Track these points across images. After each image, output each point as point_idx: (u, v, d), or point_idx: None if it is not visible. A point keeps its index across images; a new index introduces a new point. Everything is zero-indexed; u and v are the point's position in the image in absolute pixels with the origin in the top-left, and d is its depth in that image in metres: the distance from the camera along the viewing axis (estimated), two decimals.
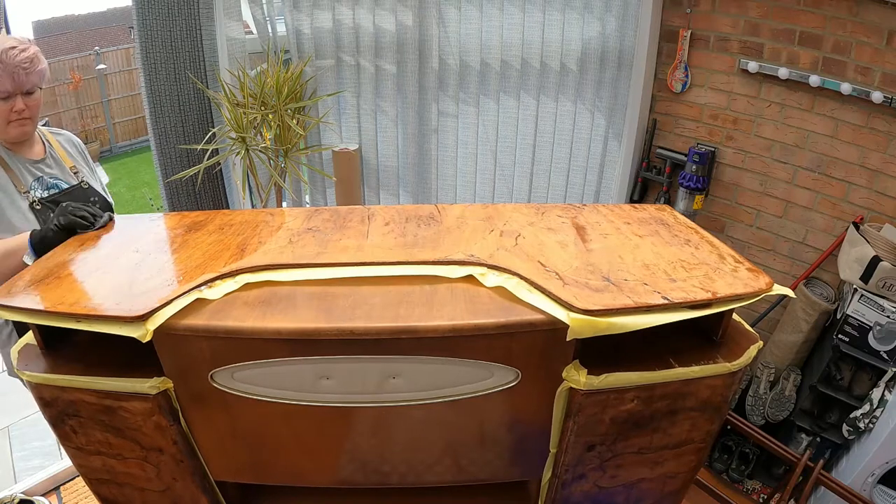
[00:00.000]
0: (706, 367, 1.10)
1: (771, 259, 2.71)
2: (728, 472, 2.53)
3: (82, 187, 1.70)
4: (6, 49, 1.49)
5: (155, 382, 1.05)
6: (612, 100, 2.81)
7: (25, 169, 1.61)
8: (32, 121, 1.59)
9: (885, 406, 2.09)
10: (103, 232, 1.39)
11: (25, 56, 1.51)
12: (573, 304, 1.01)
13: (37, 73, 1.55)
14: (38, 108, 1.60)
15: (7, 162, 1.58)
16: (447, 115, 2.59)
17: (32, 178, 1.62)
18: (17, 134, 1.57)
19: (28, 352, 1.14)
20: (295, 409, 1.08)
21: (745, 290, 1.09)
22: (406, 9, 2.33)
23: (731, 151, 2.69)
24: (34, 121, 1.60)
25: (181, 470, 1.17)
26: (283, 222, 1.40)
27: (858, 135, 2.32)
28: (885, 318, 2.14)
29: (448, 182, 2.73)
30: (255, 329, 1.00)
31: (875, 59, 2.21)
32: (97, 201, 1.70)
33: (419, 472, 1.20)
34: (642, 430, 1.15)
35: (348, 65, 2.35)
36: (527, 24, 2.54)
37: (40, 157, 1.66)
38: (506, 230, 1.34)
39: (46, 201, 1.60)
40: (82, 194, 1.69)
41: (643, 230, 1.37)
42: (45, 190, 1.63)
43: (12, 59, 1.49)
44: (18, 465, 2.56)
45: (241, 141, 1.98)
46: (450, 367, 1.05)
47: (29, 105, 1.55)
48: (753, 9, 2.46)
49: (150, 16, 1.96)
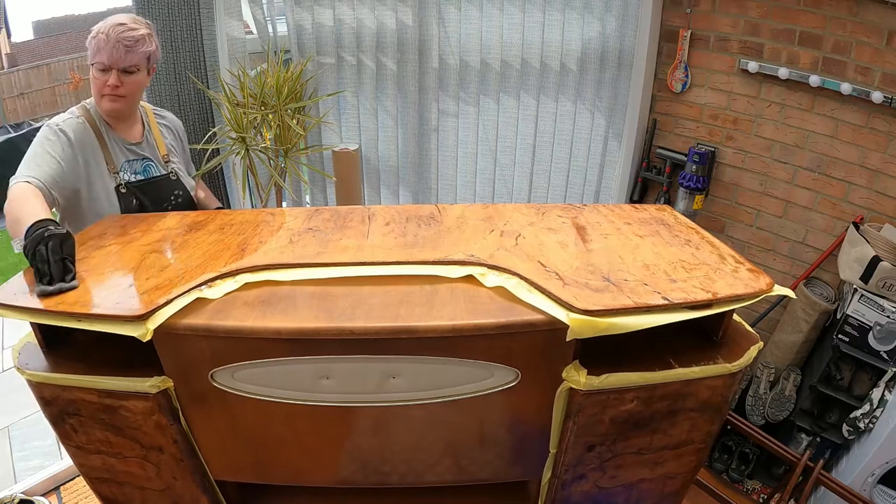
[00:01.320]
0: (706, 368, 1.10)
1: (771, 259, 2.71)
2: (728, 472, 2.53)
3: (170, 178, 1.70)
4: (115, 24, 1.51)
5: (155, 382, 1.05)
6: (612, 100, 2.81)
7: (119, 149, 1.61)
8: (127, 100, 1.58)
9: (885, 406, 2.09)
10: (106, 231, 1.39)
11: (131, 35, 1.51)
12: (573, 304, 1.01)
13: (139, 54, 1.54)
14: (137, 88, 1.59)
15: (104, 138, 1.58)
16: (447, 115, 2.59)
17: (125, 159, 1.62)
18: (109, 108, 1.57)
19: (29, 351, 1.14)
20: (295, 408, 1.08)
21: (746, 291, 1.10)
22: (406, 8, 2.33)
23: (731, 151, 2.69)
24: (129, 100, 1.59)
25: (181, 469, 1.17)
26: (284, 222, 1.40)
27: (858, 135, 2.32)
28: (885, 318, 2.14)
29: (448, 182, 2.73)
30: (255, 329, 1.00)
31: (875, 59, 2.21)
32: (180, 194, 1.71)
33: (419, 472, 1.20)
34: (642, 430, 1.15)
35: (349, 64, 2.35)
36: (527, 24, 2.54)
37: (136, 139, 1.66)
38: (506, 230, 1.34)
39: (132, 186, 1.61)
40: (168, 185, 1.69)
41: (643, 230, 1.37)
42: (134, 174, 1.63)
43: (117, 34, 1.50)
44: (18, 465, 2.56)
45: (241, 141, 1.97)
46: (450, 367, 1.05)
47: (124, 82, 1.54)
48: (753, 9, 2.46)
49: (150, 16, 1.96)
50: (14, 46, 11.20)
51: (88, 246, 1.30)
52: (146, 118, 1.71)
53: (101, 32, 1.51)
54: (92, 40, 1.52)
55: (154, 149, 1.70)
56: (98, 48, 1.51)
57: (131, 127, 1.66)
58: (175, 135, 1.80)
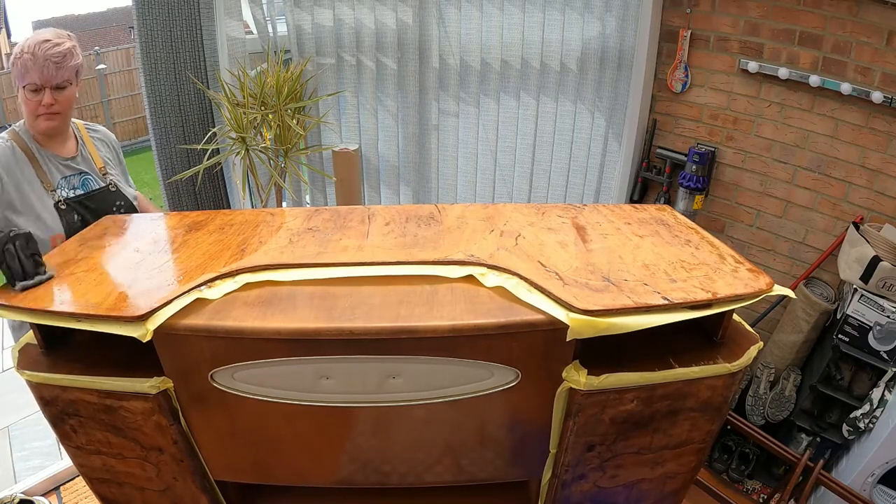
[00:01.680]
0: (706, 368, 1.10)
1: (771, 259, 2.71)
2: (728, 472, 2.53)
3: (109, 190, 1.69)
4: (40, 42, 1.48)
5: (155, 382, 1.05)
6: (612, 100, 2.81)
7: (54, 166, 1.60)
8: (62, 115, 1.57)
9: (885, 406, 2.09)
10: (106, 231, 1.39)
11: (58, 51, 1.49)
12: (573, 304, 1.01)
13: (68, 69, 1.52)
14: (69, 103, 1.57)
15: (37, 157, 1.56)
16: (447, 115, 2.59)
17: (60, 176, 1.60)
18: (46, 128, 1.56)
19: (28, 351, 1.14)
20: (295, 409, 1.08)
21: (746, 291, 1.09)
22: (406, 8, 2.33)
23: (731, 151, 2.69)
24: (64, 116, 1.58)
25: (181, 469, 1.17)
26: (284, 222, 1.40)
27: (858, 135, 2.32)
28: (885, 318, 2.14)
29: (449, 182, 2.73)
30: (255, 329, 1.00)
31: (875, 59, 2.21)
32: (122, 205, 1.69)
33: (419, 472, 1.20)
34: (642, 430, 1.15)
35: (349, 64, 2.35)
36: (527, 24, 2.54)
37: (71, 154, 1.64)
38: (506, 230, 1.34)
39: (72, 202, 1.59)
40: (108, 197, 1.67)
41: (643, 230, 1.37)
42: (72, 190, 1.62)
43: (44, 52, 1.47)
44: (18, 465, 2.56)
45: (241, 141, 1.97)
46: (450, 367, 1.05)
47: (58, 100, 1.53)
48: (753, 9, 2.46)
49: (150, 16, 1.96)
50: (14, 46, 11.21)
51: (88, 246, 1.30)
52: (79, 133, 1.70)
53: (25, 52, 1.48)
54: (17, 61, 1.49)
55: (90, 162, 1.68)
56: (26, 69, 1.48)
57: (64, 143, 1.64)
58: (109, 147, 1.78)
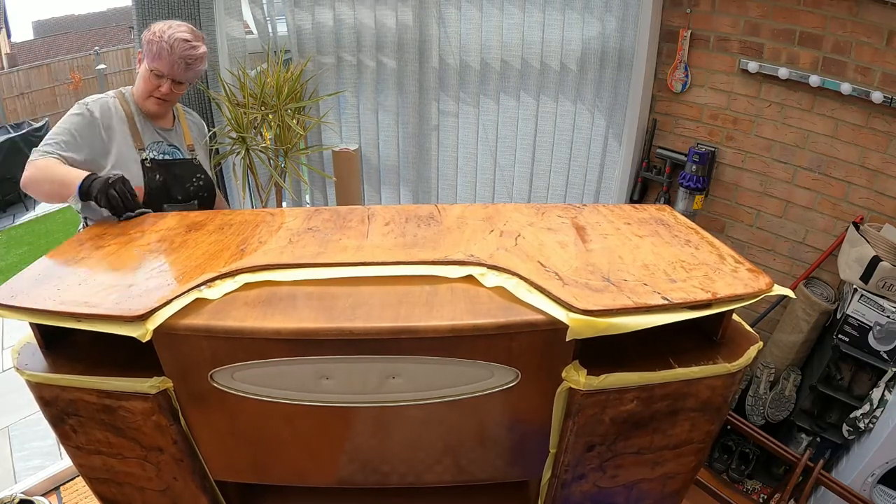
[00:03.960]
0: (706, 368, 1.10)
1: (771, 259, 2.71)
2: (728, 472, 2.53)
3: (193, 163, 1.79)
4: (180, 40, 1.61)
5: (155, 382, 1.05)
6: (612, 100, 2.81)
7: (149, 131, 1.71)
8: (170, 104, 1.74)
9: (885, 406, 2.09)
10: (105, 231, 1.39)
11: (193, 53, 1.63)
12: (573, 304, 1.01)
13: (194, 72, 1.67)
14: (180, 95, 1.72)
15: (135, 118, 1.68)
16: (447, 115, 2.59)
17: (152, 140, 1.72)
18: (154, 110, 1.70)
19: (28, 351, 1.14)
20: (295, 409, 1.08)
21: (746, 291, 1.09)
22: (406, 8, 2.33)
23: (731, 151, 2.69)
24: (171, 105, 1.75)
25: (181, 469, 1.17)
26: (283, 222, 1.40)
27: (858, 135, 2.32)
28: (885, 318, 2.14)
29: (449, 182, 2.73)
30: (255, 329, 1.00)
31: (875, 59, 2.21)
32: (202, 178, 1.80)
33: (419, 472, 1.20)
34: (642, 430, 1.15)
35: (349, 64, 2.35)
36: (527, 24, 2.54)
37: (167, 126, 1.77)
38: (506, 230, 1.34)
39: (157, 162, 1.69)
40: (191, 168, 1.78)
41: (643, 230, 1.37)
42: (160, 154, 1.72)
43: (181, 50, 1.60)
44: (18, 465, 2.56)
45: (241, 141, 1.98)
46: (450, 367, 1.05)
47: (174, 91, 1.67)
48: (753, 9, 2.46)
49: (150, 16, 1.96)
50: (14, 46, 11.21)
51: (88, 246, 1.30)
52: (176, 112, 1.82)
53: (164, 41, 1.59)
54: (153, 44, 1.59)
55: (181, 138, 1.80)
56: (159, 55, 1.60)
57: (164, 116, 1.76)
58: (200, 133, 1.90)
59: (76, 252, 1.27)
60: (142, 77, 1.65)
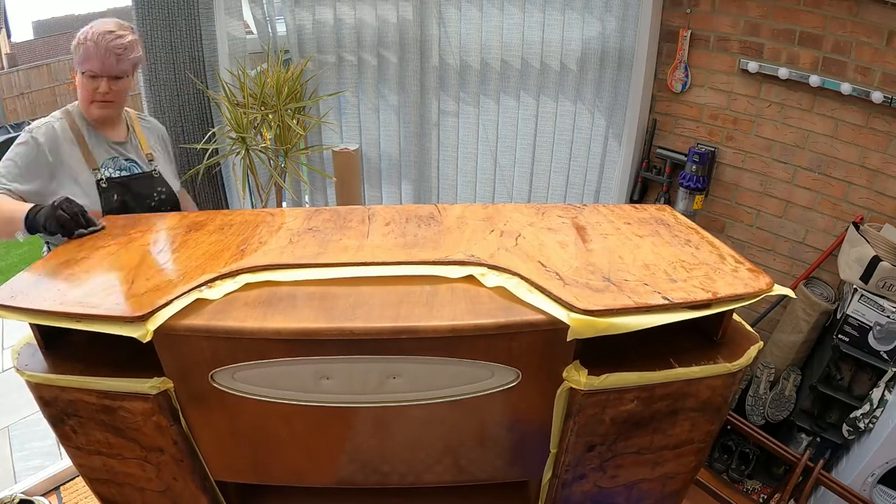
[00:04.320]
0: (706, 368, 1.10)
1: (771, 259, 2.71)
2: (728, 472, 2.53)
3: (152, 175, 1.72)
4: (103, 32, 1.52)
5: (155, 382, 1.05)
6: (612, 100, 2.81)
7: (102, 147, 1.64)
8: (115, 104, 1.62)
9: (885, 406, 2.09)
10: (105, 232, 1.39)
11: (120, 42, 1.54)
12: (573, 304, 1.01)
13: (128, 61, 1.57)
14: (124, 93, 1.62)
15: (84, 137, 1.61)
16: (447, 115, 2.59)
17: (108, 156, 1.64)
18: (99, 115, 1.61)
19: (28, 351, 1.14)
20: (295, 409, 1.08)
21: (746, 291, 1.09)
22: (407, 7, 2.33)
23: (731, 151, 2.69)
24: (117, 105, 1.63)
25: (181, 470, 1.17)
26: (284, 222, 1.40)
27: (858, 135, 2.32)
28: (885, 318, 2.14)
29: (449, 182, 2.73)
30: (255, 329, 1.00)
31: (875, 59, 2.21)
32: (163, 191, 1.73)
33: (419, 473, 1.20)
34: (642, 430, 1.15)
35: (349, 63, 2.35)
36: (527, 24, 2.54)
37: (121, 139, 1.69)
38: (506, 230, 1.34)
39: (114, 181, 1.63)
40: (151, 182, 1.71)
41: (643, 230, 1.37)
42: (117, 171, 1.65)
43: (106, 42, 1.52)
44: (18, 465, 2.56)
45: (241, 141, 1.97)
46: (450, 368, 1.05)
47: (113, 89, 1.58)
48: (753, 9, 2.46)
49: (149, 16, 1.96)
50: (14, 46, 11.21)
51: (88, 246, 1.30)
52: (130, 121, 1.74)
53: (88, 40, 1.52)
54: (80, 47, 1.53)
55: (138, 150, 1.72)
56: (87, 56, 1.53)
57: (115, 128, 1.69)
58: (158, 138, 1.82)
59: (76, 252, 1.27)
60: (80, 85, 1.58)
